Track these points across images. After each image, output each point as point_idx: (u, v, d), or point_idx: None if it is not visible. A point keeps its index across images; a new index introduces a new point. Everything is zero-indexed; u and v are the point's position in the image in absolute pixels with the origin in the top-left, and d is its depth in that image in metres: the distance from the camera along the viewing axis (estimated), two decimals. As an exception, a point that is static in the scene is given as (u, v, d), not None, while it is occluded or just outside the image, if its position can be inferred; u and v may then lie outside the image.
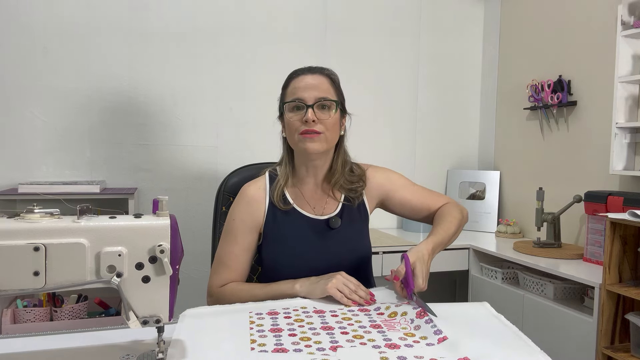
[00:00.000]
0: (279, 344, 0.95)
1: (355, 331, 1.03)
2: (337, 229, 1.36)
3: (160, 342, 0.90)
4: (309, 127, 1.27)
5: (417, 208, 1.45)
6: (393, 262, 2.33)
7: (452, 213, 1.40)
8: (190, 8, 2.46)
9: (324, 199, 1.39)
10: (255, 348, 0.93)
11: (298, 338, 0.98)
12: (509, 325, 1.05)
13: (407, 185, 1.46)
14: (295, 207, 1.36)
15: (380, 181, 1.44)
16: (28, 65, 2.26)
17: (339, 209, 1.38)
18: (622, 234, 1.69)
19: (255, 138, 2.58)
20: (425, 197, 1.46)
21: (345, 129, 1.39)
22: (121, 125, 2.39)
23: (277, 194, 1.34)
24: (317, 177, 1.38)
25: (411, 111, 2.90)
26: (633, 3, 2.00)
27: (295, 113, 1.29)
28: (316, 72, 1.33)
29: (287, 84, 1.35)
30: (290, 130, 1.31)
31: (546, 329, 1.97)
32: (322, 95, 1.29)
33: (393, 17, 2.81)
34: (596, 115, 2.27)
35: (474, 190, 2.89)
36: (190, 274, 2.45)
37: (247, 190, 1.37)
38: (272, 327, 1.04)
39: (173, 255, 0.86)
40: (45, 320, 1.86)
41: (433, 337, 1.00)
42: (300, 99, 1.28)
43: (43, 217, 0.82)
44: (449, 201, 1.47)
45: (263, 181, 1.39)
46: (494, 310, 1.14)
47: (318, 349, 0.94)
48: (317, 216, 1.36)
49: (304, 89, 1.29)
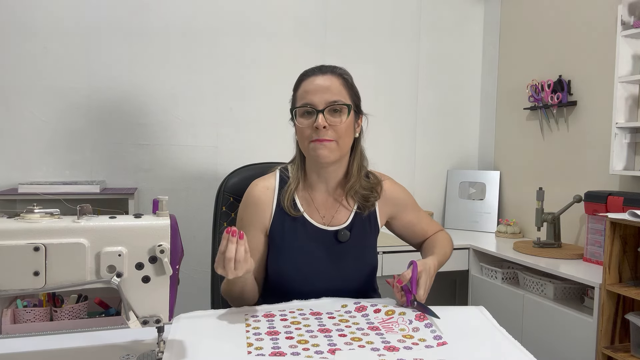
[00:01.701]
0: (276, 347, 0.94)
1: (353, 333, 1.02)
2: (346, 242, 1.31)
3: (160, 342, 0.90)
4: (320, 135, 1.21)
5: (417, 233, 1.47)
6: (393, 262, 2.33)
7: (447, 241, 1.46)
8: (190, 8, 2.46)
9: (335, 207, 1.33)
10: (252, 352, 0.92)
11: (295, 341, 0.97)
12: (505, 333, 1.04)
13: (415, 209, 1.46)
14: (304, 215, 1.30)
15: (396, 197, 1.41)
16: (28, 65, 2.26)
17: (349, 219, 1.33)
18: (622, 234, 1.69)
19: (255, 138, 2.58)
20: (427, 224, 1.47)
21: (361, 129, 1.33)
22: (121, 125, 2.39)
23: (287, 199, 1.28)
24: (329, 184, 1.32)
25: (411, 111, 2.90)
26: (633, 3, 2.00)
27: (306, 118, 1.23)
28: (327, 72, 1.26)
29: (297, 86, 1.29)
30: (301, 136, 1.26)
31: (546, 329, 1.97)
32: (333, 98, 1.22)
33: (393, 17, 2.81)
34: (596, 115, 2.27)
35: (473, 190, 2.89)
36: (190, 274, 2.45)
37: (255, 191, 1.31)
38: (269, 329, 1.03)
39: (173, 255, 0.86)
40: (45, 320, 1.86)
41: (432, 341, 0.99)
42: (311, 103, 1.22)
43: (43, 217, 0.82)
44: (441, 229, 1.51)
45: (273, 181, 1.33)
46: (490, 316, 1.13)
47: (316, 352, 0.93)
48: (325, 227, 1.31)
49: (314, 92, 1.22)
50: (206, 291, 1.64)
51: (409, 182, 2.84)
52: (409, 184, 2.59)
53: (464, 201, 2.88)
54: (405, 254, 2.33)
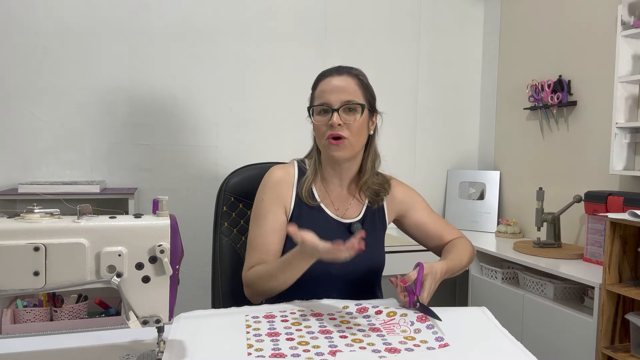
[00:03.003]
0: (276, 349, 0.93)
1: (354, 334, 1.02)
2: None
3: (160, 342, 0.90)
4: (335, 131, 1.28)
5: (430, 234, 1.47)
6: (393, 262, 2.31)
7: (466, 248, 1.42)
8: (190, 8, 2.46)
9: (349, 201, 1.40)
10: (252, 353, 0.92)
11: (296, 342, 0.97)
12: (507, 335, 1.04)
13: (426, 209, 1.48)
14: (322, 205, 1.37)
15: (402, 196, 1.46)
16: (28, 65, 2.26)
17: (362, 213, 1.40)
18: (622, 234, 1.69)
19: (255, 138, 2.57)
20: (442, 226, 1.47)
21: (376, 127, 1.42)
22: (121, 125, 2.39)
23: (305, 189, 1.35)
24: (343, 178, 1.39)
25: (411, 111, 2.90)
26: (633, 3, 2.00)
27: (322, 116, 1.31)
28: (343, 72, 1.33)
29: (315, 86, 1.36)
30: (318, 133, 1.34)
31: (546, 329, 1.97)
32: (348, 98, 1.29)
33: (393, 17, 2.81)
34: (596, 115, 2.27)
35: (473, 190, 2.89)
36: (190, 274, 2.45)
37: (276, 172, 1.37)
38: (269, 331, 1.02)
39: (173, 255, 0.86)
40: (45, 320, 1.86)
41: (434, 342, 0.98)
42: (327, 102, 1.30)
43: (43, 217, 0.82)
44: (462, 235, 1.49)
45: (292, 169, 1.39)
46: (493, 317, 1.13)
47: (317, 353, 0.92)
48: (340, 218, 1.37)
49: (331, 92, 1.30)
50: (206, 291, 1.64)
51: (409, 182, 2.79)
52: (409, 184, 2.58)
53: (464, 201, 2.88)
54: (410, 254, 2.33)
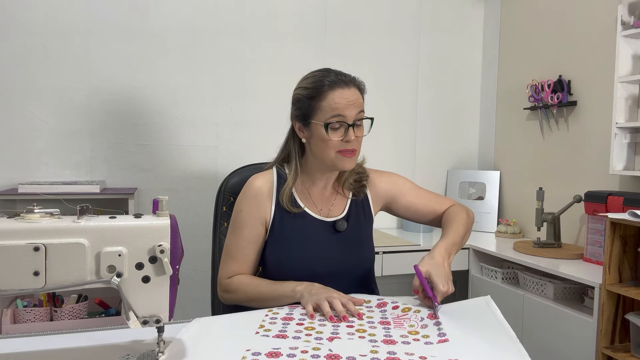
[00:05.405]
0: (282, 330, 1.01)
1: (361, 325, 1.05)
2: (343, 232, 1.36)
3: (160, 342, 0.90)
4: (349, 146, 1.27)
5: (422, 211, 1.46)
6: (393, 262, 2.33)
7: (459, 215, 1.41)
8: (190, 8, 2.46)
9: (332, 198, 1.39)
10: (259, 332, 1.00)
11: (303, 327, 1.03)
12: (507, 329, 1.03)
13: (412, 189, 1.47)
14: (305, 209, 1.35)
15: (385, 186, 1.45)
16: (28, 65, 2.26)
17: (346, 210, 1.39)
18: (622, 234, 1.69)
19: (255, 138, 2.57)
20: (431, 200, 1.47)
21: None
22: (121, 125, 2.39)
23: (285, 197, 1.32)
24: (329, 179, 1.39)
25: (411, 111, 2.90)
26: (633, 3, 2.00)
27: (335, 131, 1.26)
28: (351, 84, 1.28)
29: (319, 96, 1.27)
30: (325, 145, 1.27)
31: (546, 329, 1.97)
32: (360, 112, 1.28)
33: (393, 17, 2.81)
34: (596, 115, 2.27)
35: (473, 190, 2.89)
36: (190, 274, 2.45)
37: (255, 183, 1.35)
38: (286, 315, 1.11)
39: (173, 255, 0.86)
40: (45, 320, 1.86)
41: (435, 338, 0.99)
42: (343, 117, 1.25)
43: (43, 217, 0.82)
44: (453, 203, 1.48)
45: (271, 177, 1.37)
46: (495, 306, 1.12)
47: (316, 338, 0.98)
48: (324, 218, 1.37)
49: (345, 107, 1.25)
50: (206, 291, 1.64)
51: (409, 182, 2.83)
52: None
53: (464, 201, 2.88)
54: (406, 254, 2.33)
